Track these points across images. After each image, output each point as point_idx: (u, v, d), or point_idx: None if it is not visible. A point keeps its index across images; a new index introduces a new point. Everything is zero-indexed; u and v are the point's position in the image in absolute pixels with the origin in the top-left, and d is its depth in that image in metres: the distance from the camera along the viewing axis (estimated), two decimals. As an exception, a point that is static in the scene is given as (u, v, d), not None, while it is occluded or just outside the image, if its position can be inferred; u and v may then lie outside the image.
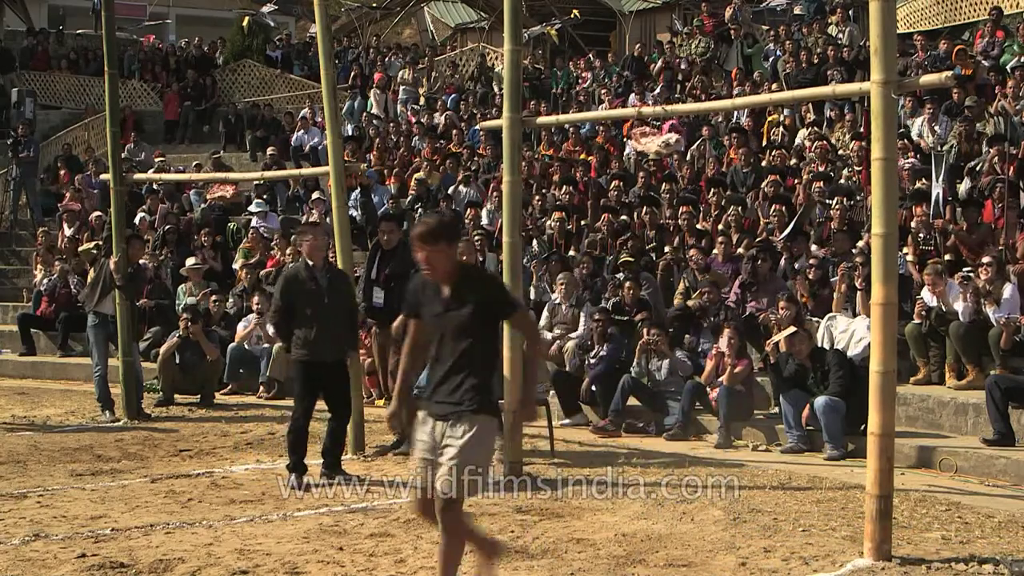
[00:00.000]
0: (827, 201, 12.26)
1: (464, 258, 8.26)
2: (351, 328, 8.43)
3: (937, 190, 11.35)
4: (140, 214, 17.19)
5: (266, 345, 12.70)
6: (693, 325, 10.81)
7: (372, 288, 9.74)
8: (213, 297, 13.78)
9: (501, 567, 5.78)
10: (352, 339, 8.54)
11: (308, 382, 8.06)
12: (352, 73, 23.64)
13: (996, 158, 11.74)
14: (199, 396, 12.15)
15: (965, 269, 10.07)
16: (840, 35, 18.58)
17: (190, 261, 14.70)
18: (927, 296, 9.80)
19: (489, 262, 12.89)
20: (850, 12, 19.66)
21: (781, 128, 15.49)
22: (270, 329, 12.28)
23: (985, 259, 9.67)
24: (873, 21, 5.86)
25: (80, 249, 15.84)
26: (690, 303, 10.95)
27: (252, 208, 16.98)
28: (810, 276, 10.74)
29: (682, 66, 19.45)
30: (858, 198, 12.31)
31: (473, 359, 4.79)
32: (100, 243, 14.49)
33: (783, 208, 12.36)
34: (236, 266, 15.16)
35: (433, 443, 4.85)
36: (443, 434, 4.80)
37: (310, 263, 8.16)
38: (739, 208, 12.72)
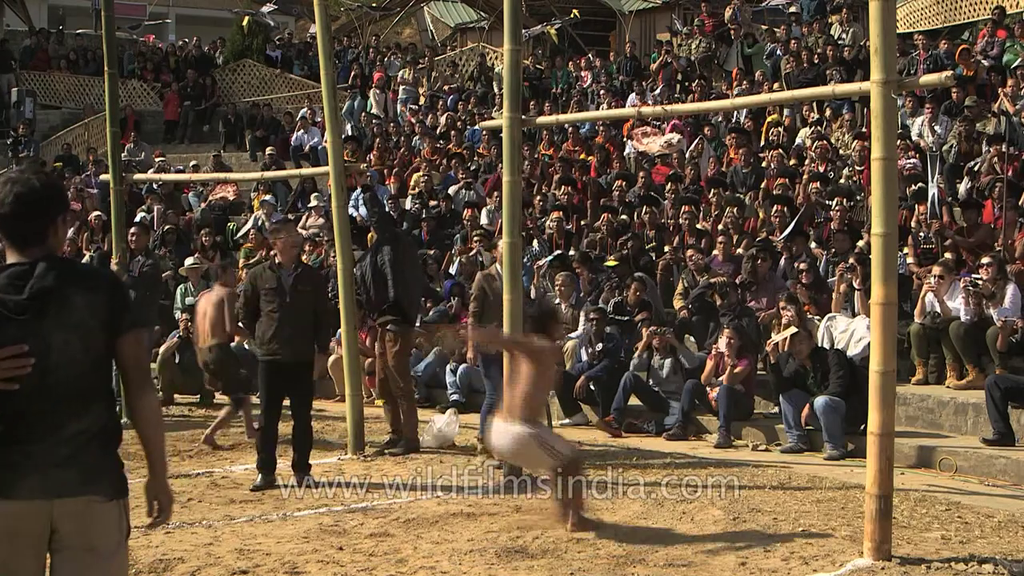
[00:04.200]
0: (827, 202, 12.26)
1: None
2: (319, 329, 8.22)
3: (933, 190, 11.34)
4: (140, 214, 17.20)
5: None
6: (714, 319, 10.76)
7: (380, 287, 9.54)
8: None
9: (501, 567, 5.79)
10: (321, 340, 8.32)
11: (269, 384, 8.01)
12: (352, 73, 23.65)
13: (996, 158, 11.74)
14: (199, 396, 12.16)
15: (965, 270, 10.07)
16: (844, 35, 18.58)
17: (189, 261, 14.70)
18: (929, 297, 9.78)
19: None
20: (847, 13, 19.65)
21: (781, 128, 15.50)
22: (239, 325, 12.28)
23: (985, 259, 9.67)
24: (873, 21, 5.85)
25: None
26: (714, 280, 10.91)
27: (267, 198, 17.02)
28: (802, 280, 10.72)
29: (682, 66, 19.47)
30: (858, 198, 12.31)
31: (102, 393, 3.38)
32: (92, 256, 14.54)
33: (785, 209, 12.37)
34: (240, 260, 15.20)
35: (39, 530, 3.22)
36: (58, 520, 3.22)
37: (278, 261, 8.15)
38: (735, 208, 12.72)
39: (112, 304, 3.31)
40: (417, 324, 10.81)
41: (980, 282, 9.42)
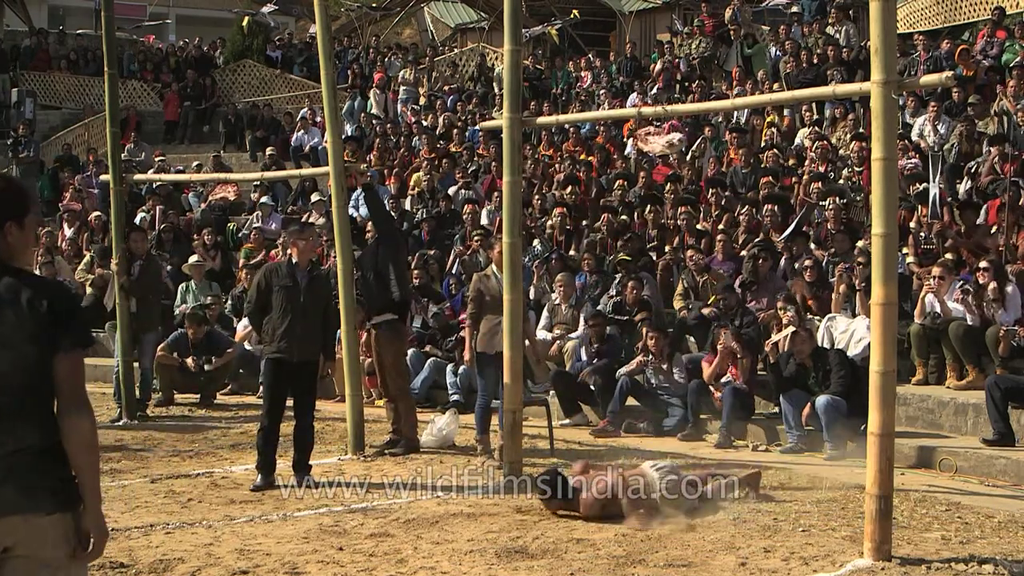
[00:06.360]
0: (820, 202, 12.24)
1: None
2: (326, 332, 8.24)
3: (934, 190, 11.34)
4: (140, 214, 17.19)
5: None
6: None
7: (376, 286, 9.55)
8: (208, 299, 13.73)
9: (501, 567, 5.79)
10: (327, 345, 8.32)
11: (274, 382, 8.02)
12: (352, 73, 23.66)
13: (996, 158, 11.74)
14: (199, 396, 12.16)
15: (965, 271, 10.05)
16: (837, 35, 18.56)
17: (193, 258, 14.70)
18: (929, 298, 9.78)
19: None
20: (849, 12, 19.63)
21: (774, 129, 15.48)
22: (242, 324, 12.28)
23: (982, 263, 9.66)
24: (873, 21, 5.85)
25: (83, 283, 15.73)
26: (705, 311, 10.89)
27: (264, 200, 17.00)
28: (807, 278, 10.71)
29: (682, 66, 19.45)
30: (857, 199, 12.29)
31: (39, 411, 3.14)
32: (92, 256, 14.53)
33: (776, 208, 12.36)
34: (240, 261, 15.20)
35: None
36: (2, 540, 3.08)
37: (295, 261, 8.15)
38: (740, 208, 12.72)
39: (54, 317, 3.09)
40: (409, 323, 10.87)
41: (971, 290, 9.43)
